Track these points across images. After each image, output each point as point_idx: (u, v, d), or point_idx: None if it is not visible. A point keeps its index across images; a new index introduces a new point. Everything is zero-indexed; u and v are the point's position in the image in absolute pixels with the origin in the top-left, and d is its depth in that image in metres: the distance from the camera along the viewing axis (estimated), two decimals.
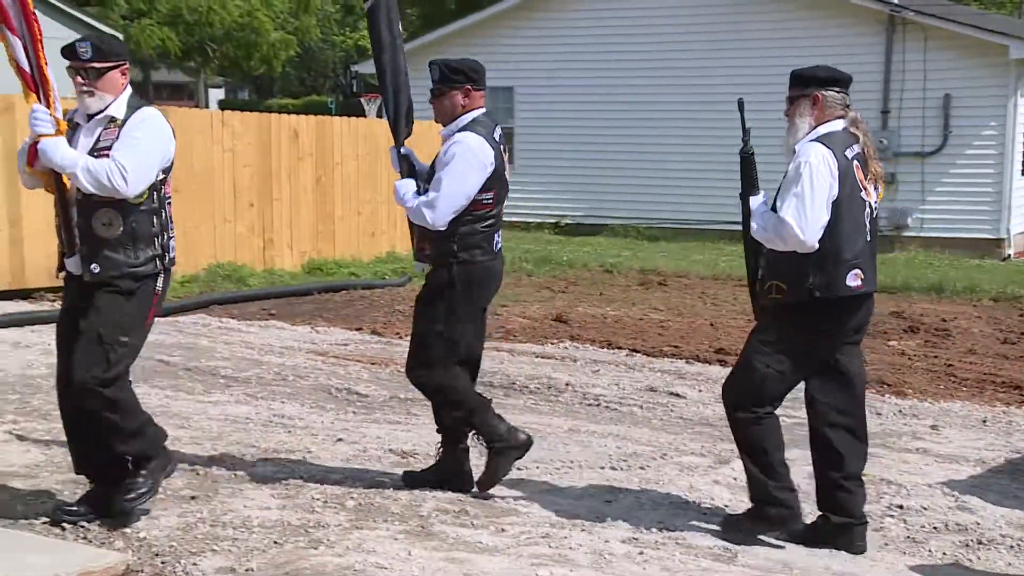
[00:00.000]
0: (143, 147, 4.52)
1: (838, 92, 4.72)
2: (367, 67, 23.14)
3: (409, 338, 5.42)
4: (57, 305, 10.79)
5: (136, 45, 27.80)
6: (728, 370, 5.44)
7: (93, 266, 4.53)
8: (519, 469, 5.55)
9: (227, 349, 8.79)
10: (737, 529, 4.87)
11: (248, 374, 7.93)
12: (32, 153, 4.50)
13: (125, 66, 4.68)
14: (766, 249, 4.73)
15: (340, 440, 6.26)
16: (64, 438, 4.87)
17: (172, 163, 4.74)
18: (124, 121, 4.58)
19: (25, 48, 4.47)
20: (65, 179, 4.53)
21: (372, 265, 14.09)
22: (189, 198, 11.90)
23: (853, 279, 4.63)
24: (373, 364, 8.43)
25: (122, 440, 4.64)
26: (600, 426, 6.78)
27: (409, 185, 5.27)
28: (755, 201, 4.80)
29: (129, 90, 4.69)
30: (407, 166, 5.38)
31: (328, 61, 51.27)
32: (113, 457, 4.67)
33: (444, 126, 5.26)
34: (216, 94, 49.72)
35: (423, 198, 5.11)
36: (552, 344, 9.39)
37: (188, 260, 12.26)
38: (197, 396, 7.23)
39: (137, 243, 4.56)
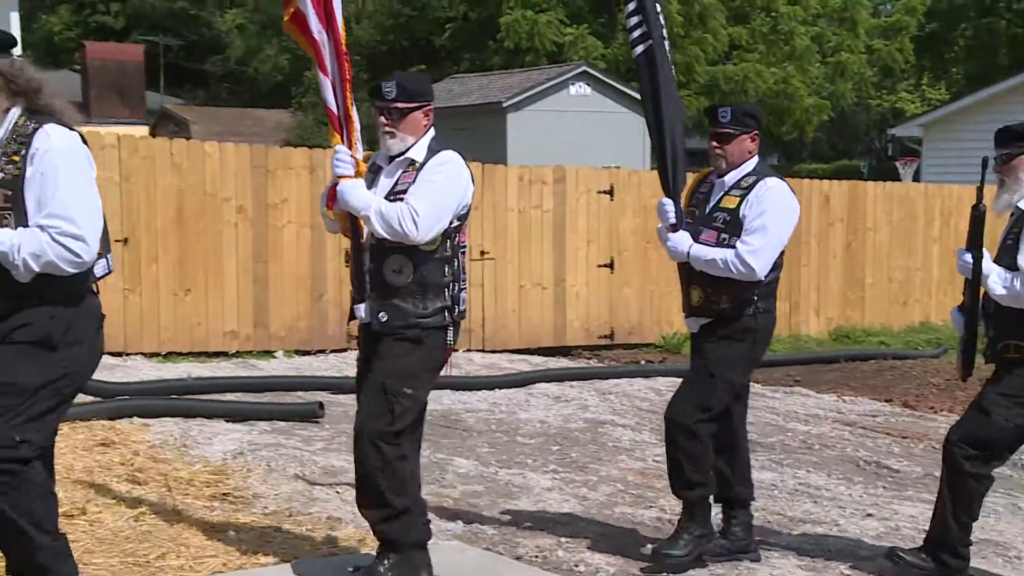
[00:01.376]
0: (438, 191, 4.30)
1: None
2: (905, 130, 22.40)
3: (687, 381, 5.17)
4: (593, 363, 11.55)
5: None
6: None
7: (381, 314, 4.35)
8: None
9: (751, 414, 8.79)
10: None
11: (772, 440, 7.90)
12: (331, 195, 4.41)
13: (429, 107, 4.48)
14: (993, 309, 4.76)
15: (869, 515, 6.02)
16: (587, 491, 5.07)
17: (468, 211, 4.48)
18: (423, 164, 4.38)
19: (334, 88, 4.45)
20: (361, 223, 4.37)
21: (903, 334, 13.55)
22: None
23: None
24: (904, 438, 8.07)
25: (387, 506, 4.36)
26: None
27: (686, 237, 5.04)
28: (989, 263, 4.77)
29: (432, 132, 4.50)
30: (681, 215, 5.13)
31: (861, 124, 50.26)
32: (388, 516, 4.38)
33: (726, 171, 5.05)
34: None
35: (744, 246, 4.88)
36: None
37: None
38: None
39: (426, 293, 4.34)
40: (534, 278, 12.00)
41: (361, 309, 4.41)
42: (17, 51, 3.66)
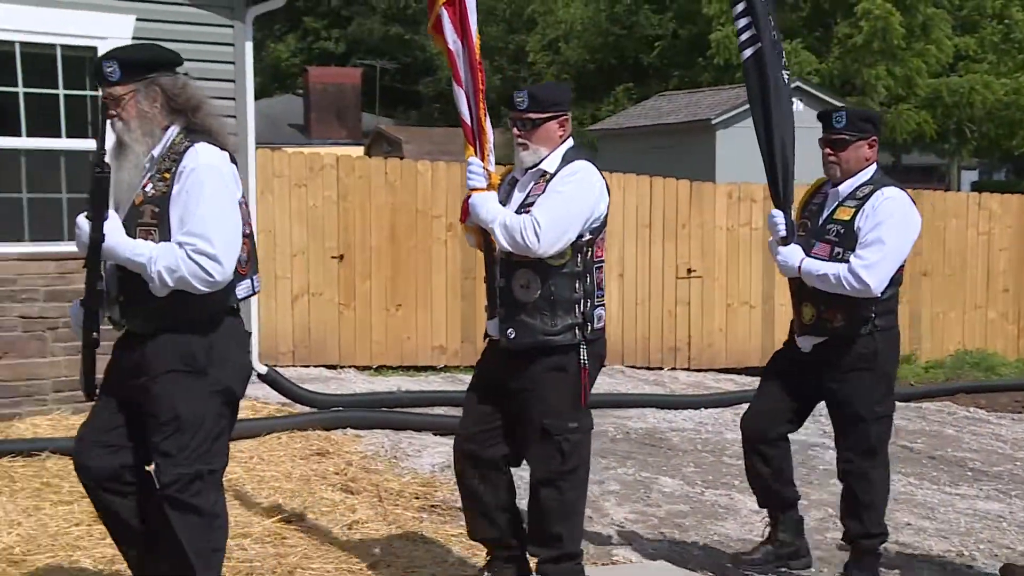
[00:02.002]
0: (564, 203, 4.12)
1: None
2: None
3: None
4: None
5: (891, 130, 28.06)
6: None
7: (509, 331, 4.22)
8: None
9: (975, 440, 8.41)
10: None
11: (999, 469, 7.50)
12: (464, 208, 4.32)
13: (564, 118, 4.31)
14: None
15: None
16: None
17: (603, 224, 4.28)
18: (553, 175, 4.22)
19: (468, 99, 4.38)
20: (493, 238, 4.26)
21: None
22: (940, 282, 11.71)
23: None
24: None
25: (560, 548, 4.29)
26: None
27: (797, 251, 4.75)
28: None
29: (568, 144, 4.33)
30: (792, 227, 4.84)
31: None
32: (559, 557, 4.31)
33: (841, 179, 4.77)
34: (969, 176, 48.28)
35: (858, 261, 4.57)
36: None
37: (935, 345, 12.04)
38: (943, 487, 6.99)
39: (555, 309, 4.17)
40: (742, 297, 11.82)
41: (491, 325, 4.32)
42: (181, 69, 3.76)
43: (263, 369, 8.70)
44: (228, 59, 8.32)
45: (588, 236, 4.21)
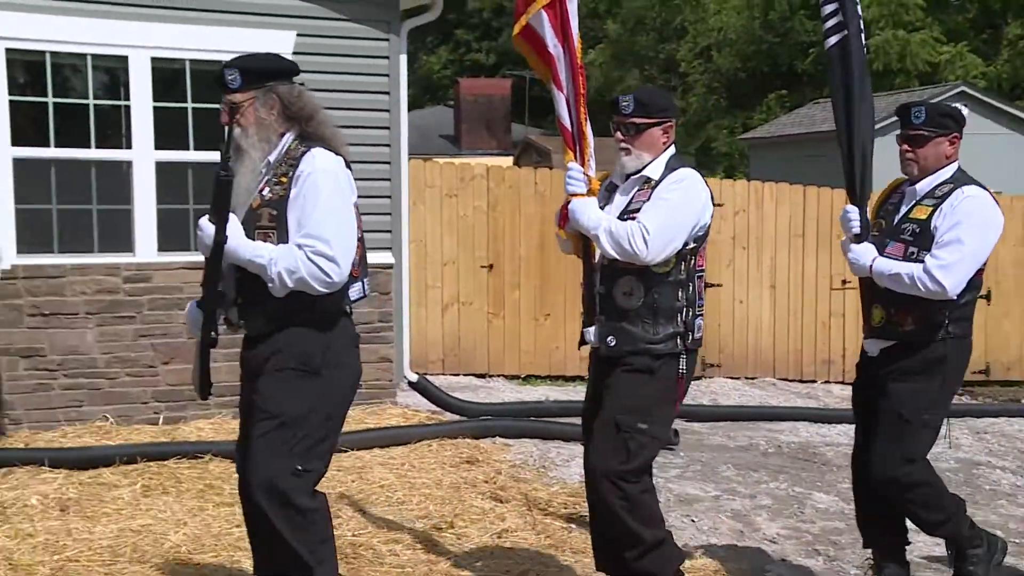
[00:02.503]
0: (672, 210, 4.07)
1: None
2: None
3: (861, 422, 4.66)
4: (966, 399, 10.86)
5: None
6: None
7: (610, 339, 4.18)
8: None
9: None
10: None
11: None
12: (564, 215, 4.29)
13: (669, 124, 4.25)
14: None
15: None
16: None
17: (707, 232, 4.22)
18: (658, 182, 4.16)
19: (568, 104, 4.33)
20: (592, 244, 4.24)
21: None
22: None
23: None
24: None
25: (640, 542, 4.17)
26: None
27: (870, 249, 4.51)
28: None
29: (671, 151, 4.27)
30: (867, 225, 4.59)
31: None
32: (644, 551, 4.20)
33: (919, 177, 4.56)
34: None
35: (934, 260, 4.33)
36: None
37: None
38: None
39: (658, 317, 4.12)
40: None
41: (590, 332, 4.26)
42: (298, 79, 3.83)
43: (414, 377, 8.86)
44: (383, 72, 8.51)
45: (692, 244, 4.16)
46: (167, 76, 7.87)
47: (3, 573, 4.73)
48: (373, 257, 8.43)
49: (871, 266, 4.50)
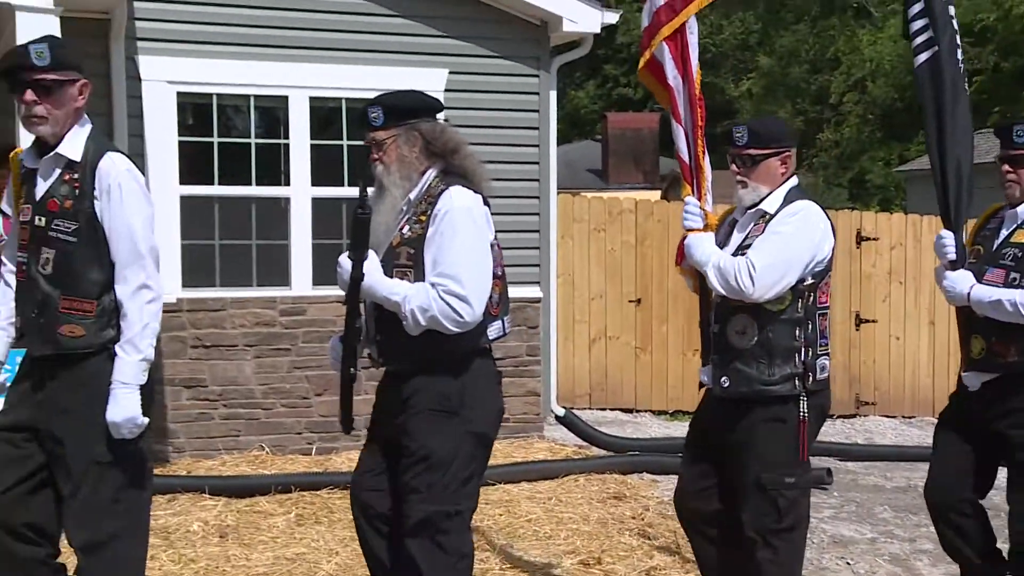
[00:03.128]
0: (783, 245, 3.89)
1: None
2: None
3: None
4: None
5: None
6: None
7: (724, 379, 4.01)
8: None
9: None
10: None
11: None
12: (680, 250, 4.18)
13: (787, 154, 4.07)
14: None
15: None
16: None
17: (828, 267, 4.00)
18: (774, 215, 3.99)
19: (687, 137, 4.24)
20: None
21: None
22: None
23: None
24: None
25: None
26: None
27: (967, 276, 4.20)
28: None
29: (793, 182, 4.10)
30: (963, 251, 4.27)
31: None
32: None
33: (1020, 200, 4.33)
34: None
35: None
36: None
37: None
38: None
39: (773, 358, 3.92)
40: None
41: (704, 372, 4.15)
42: (441, 116, 3.83)
43: (561, 411, 8.87)
44: (533, 107, 8.61)
45: (810, 280, 3.97)
46: (324, 115, 8.14)
47: None
48: (521, 291, 8.54)
49: (969, 294, 4.27)
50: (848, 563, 5.79)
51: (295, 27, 7.94)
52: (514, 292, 8.45)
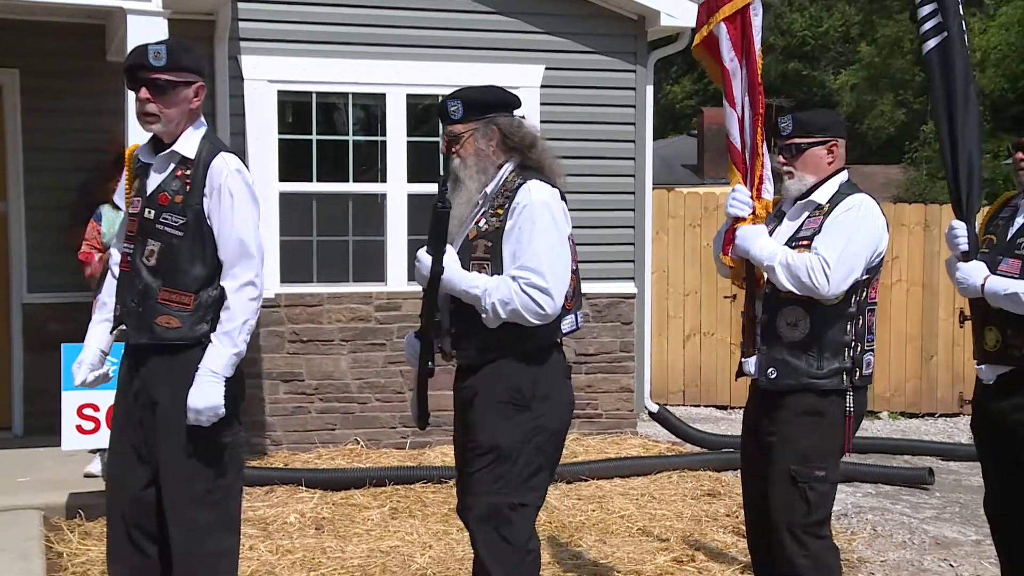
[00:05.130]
0: (849, 240, 3.83)
1: None
2: None
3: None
4: None
5: None
6: None
7: (770, 371, 3.95)
8: None
9: None
10: None
11: None
12: (728, 239, 4.06)
13: (834, 144, 4.02)
14: None
15: None
16: None
17: (881, 263, 3.94)
18: (830, 208, 3.93)
19: (741, 123, 4.09)
20: (759, 272, 4.00)
21: None
22: None
23: None
24: None
25: None
26: None
27: (981, 268, 4.06)
28: None
29: (843, 175, 4.04)
30: (975, 242, 4.09)
31: None
32: None
33: None
34: None
35: None
36: None
37: None
38: None
39: (823, 351, 3.88)
40: None
41: (750, 363, 4.05)
42: (519, 112, 3.81)
43: (654, 407, 8.84)
44: (629, 103, 8.58)
45: (865, 276, 3.93)
46: (420, 112, 8.21)
47: None
48: (616, 287, 8.54)
49: (983, 285, 4.14)
50: (951, 565, 5.67)
51: (393, 25, 8.03)
52: (608, 288, 8.59)
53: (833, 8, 40.01)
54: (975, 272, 4.18)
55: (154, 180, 3.70)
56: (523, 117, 3.83)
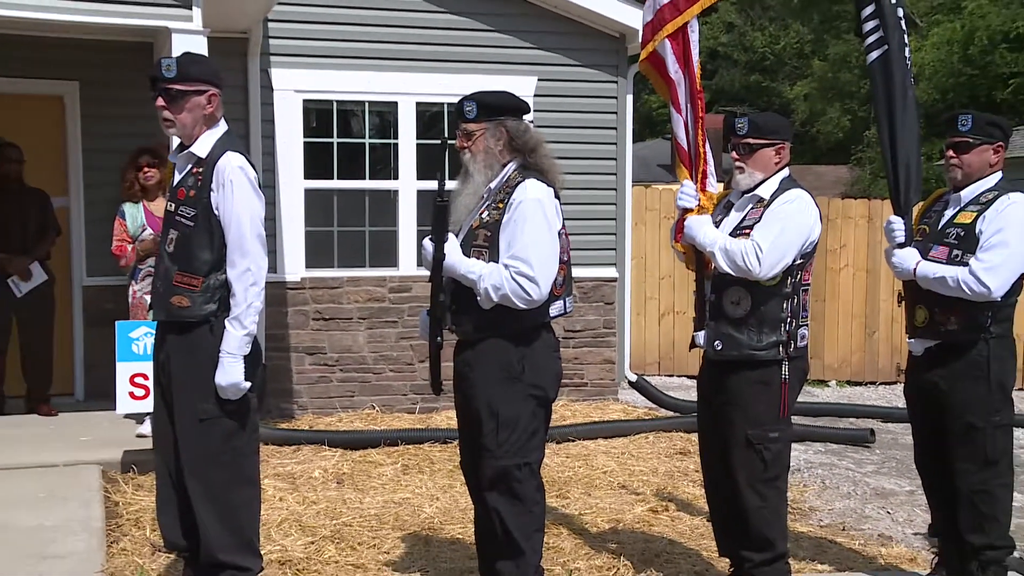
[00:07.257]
0: (783, 229, 3.84)
1: None
2: None
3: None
4: None
5: None
6: None
7: (717, 343, 3.97)
8: None
9: None
10: None
11: None
12: (679, 229, 4.11)
13: (780, 145, 4.00)
14: None
15: None
16: None
17: (814, 249, 3.95)
18: (770, 201, 3.93)
19: (686, 126, 4.13)
20: (707, 257, 4.02)
21: None
22: None
23: None
24: None
25: (771, 549, 3.97)
26: None
27: (913, 253, 4.08)
28: None
29: (784, 172, 4.02)
30: (910, 233, 4.12)
31: None
32: (770, 559, 4.01)
33: (963, 184, 4.18)
34: None
35: (979, 263, 3.89)
36: None
37: None
38: None
39: (763, 326, 3.89)
40: None
41: (700, 336, 4.09)
42: (529, 117, 3.80)
43: (633, 377, 8.84)
44: (611, 110, 8.56)
45: (800, 260, 3.93)
46: (428, 118, 8.19)
47: (296, 531, 5.02)
48: (600, 272, 8.53)
49: (915, 269, 4.16)
50: (888, 512, 5.70)
51: (403, 41, 8.00)
52: (593, 272, 8.58)
53: (789, 27, 39.95)
54: (908, 258, 4.19)
55: (177, 177, 3.72)
56: (531, 122, 3.81)
